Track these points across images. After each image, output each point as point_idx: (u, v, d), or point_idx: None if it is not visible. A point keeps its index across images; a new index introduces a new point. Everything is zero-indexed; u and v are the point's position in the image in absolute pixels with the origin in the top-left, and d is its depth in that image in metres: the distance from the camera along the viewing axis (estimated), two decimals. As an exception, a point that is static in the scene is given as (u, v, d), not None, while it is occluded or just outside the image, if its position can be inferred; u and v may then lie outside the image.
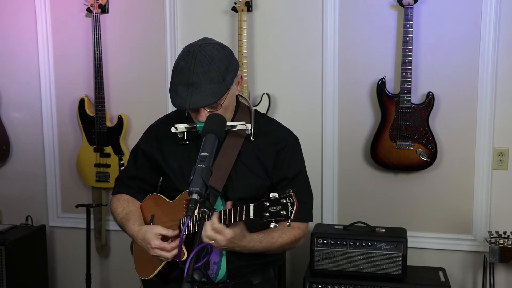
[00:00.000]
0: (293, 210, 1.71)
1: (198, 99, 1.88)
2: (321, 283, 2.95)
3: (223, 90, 1.91)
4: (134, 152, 2.27)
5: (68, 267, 3.86)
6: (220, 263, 2.03)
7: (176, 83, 1.92)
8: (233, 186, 2.05)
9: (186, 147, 2.10)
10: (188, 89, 1.88)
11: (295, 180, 2.09)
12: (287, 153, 2.09)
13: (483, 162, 3.13)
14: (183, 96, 1.89)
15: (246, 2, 3.22)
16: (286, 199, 1.73)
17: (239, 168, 2.05)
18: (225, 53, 1.95)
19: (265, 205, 1.75)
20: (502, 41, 3.06)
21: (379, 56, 3.20)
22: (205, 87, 1.88)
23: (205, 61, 1.89)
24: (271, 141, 2.09)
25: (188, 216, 1.56)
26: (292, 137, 2.14)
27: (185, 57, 1.92)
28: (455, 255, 3.25)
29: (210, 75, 1.88)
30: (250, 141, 2.07)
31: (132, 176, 2.24)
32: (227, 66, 1.93)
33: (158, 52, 3.48)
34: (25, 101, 3.77)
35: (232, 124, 2.03)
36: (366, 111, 3.25)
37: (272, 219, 1.74)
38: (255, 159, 2.07)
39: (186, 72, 1.88)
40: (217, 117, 1.86)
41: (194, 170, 1.63)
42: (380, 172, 3.27)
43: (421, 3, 3.07)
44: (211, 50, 1.92)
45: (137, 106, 3.57)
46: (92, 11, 3.44)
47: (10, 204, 3.89)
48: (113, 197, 2.28)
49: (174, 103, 1.93)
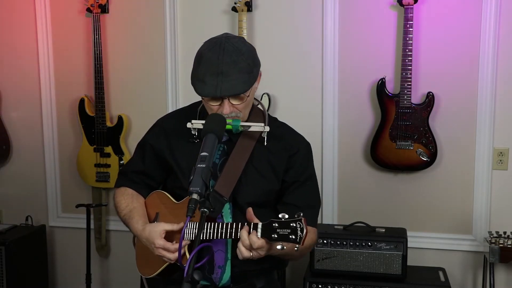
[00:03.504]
0: (302, 236, 1.68)
1: (229, 87, 1.85)
2: (321, 283, 2.95)
3: (252, 80, 1.90)
4: (141, 146, 2.19)
5: (68, 267, 3.86)
6: (225, 267, 2.00)
7: (203, 73, 1.87)
8: (243, 190, 2.00)
9: (196, 145, 2.02)
10: (217, 77, 1.84)
11: (305, 183, 2.06)
12: (299, 158, 2.06)
13: (483, 162, 3.13)
14: (213, 84, 1.85)
15: (246, 2, 3.22)
16: (296, 223, 1.69)
17: (249, 172, 2.01)
18: (250, 47, 1.95)
19: (274, 226, 1.72)
20: (502, 41, 3.06)
21: (379, 56, 3.20)
22: (235, 75, 1.85)
23: (233, 51, 1.87)
24: (284, 146, 2.05)
25: (188, 216, 1.55)
26: (304, 142, 2.11)
27: (212, 47, 1.90)
28: (455, 255, 3.25)
29: (239, 65, 1.86)
30: (262, 145, 2.01)
31: (137, 170, 2.17)
32: (253, 59, 1.93)
33: (158, 52, 3.48)
34: (25, 101, 3.77)
35: (250, 124, 1.98)
36: (366, 111, 3.25)
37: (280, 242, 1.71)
38: (267, 164, 2.03)
39: (214, 62, 1.85)
40: (217, 117, 1.85)
41: (194, 170, 1.62)
42: (380, 172, 3.27)
43: (421, 3, 3.07)
44: (237, 42, 1.91)
45: (137, 106, 3.57)
46: (92, 11, 3.43)
47: (10, 204, 3.89)
48: (116, 190, 2.21)
49: (202, 92, 1.89)
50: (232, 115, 1.92)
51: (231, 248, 1.97)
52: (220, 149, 2.03)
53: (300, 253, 1.93)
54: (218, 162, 2.02)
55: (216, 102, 1.91)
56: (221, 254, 1.99)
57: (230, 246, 1.98)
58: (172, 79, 3.47)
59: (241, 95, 1.90)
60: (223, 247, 1.99)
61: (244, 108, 1.95)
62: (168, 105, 3.48)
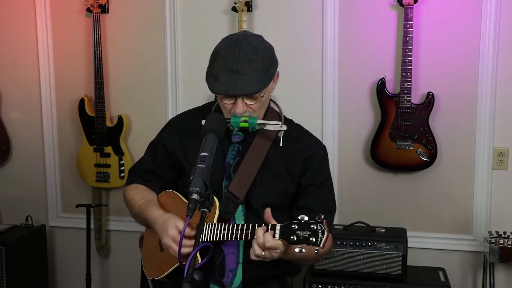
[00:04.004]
0: (323, 238, 1.62)
1: (243, 85, 1.82)
2: (321, 283, 2.95)
3: (267, 80, 1.87)
4: (153, 145, 2.15)
5: (68, 267, 3.86)
6: (236, 270, 1.94)
7: (218, 70, 1.85)
8: (257, 192, 1.95)
9: None
10: (231, 75, 1.82)
11: (321, 187, 2.02)
12: (315, 161, 2.01)
13: (483, 162, 3.13)
14: (226, 82, 1.82)
15: (246, 2, 3.22)
16: (317, 225, 1.64)
17: (264, 174, 1.97)
18: (268, 46, 1.92)
19: (293, 227, 1.67)
20: (502, 41, 3.06)
21: (379, 56, 3.20)
22: (250, 74, 1.82)
23: (249, 49, 1.84)
24: (300, 148, 2.01)
25: (188, 216, 1.55)
26: (321, 146, 2.08)
27: (228, 45, 1.87)
28: (455, 255, 3.25)
29: (254, 64, 1.83)
30: (278, 146, 1.97)
31: (148, 170, 2.13)
32: (270, 59, 1.89)
33: (158, 52, 3.48)
34: (25, 101, 3.77)
35: (267, 122, 1.93)
36: (366, 111, 3.25)
37: (299, 244, 1.65)
38: (283, 165, 1.99)
39: (230, 59, 1.83)
40: (217, 117, 1.84)
41: (194, 170, 1.62)
42: (380, 172, 3.27)
43: (421, 3, 3.07)
44: (255, 41, 1.88)
45: (137, 106, 3.57)
46: (92, 11, 3.43)
47: (10, 204, 3.89)
48: (128, 187, 2.16)
49: (215, 89, 1.85)
50: (246, 114, 1.89)
51: (243, 251, 1.92)
52: (235, 149, 1.99)
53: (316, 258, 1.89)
54: (232, 162, 1.98)
55: (230, 101, 1.88)
56: (232, 258, 1.94)
57: (242, 249, 1.93)
58: (172, 79, 3.47)
59: (255, 94, 1.87)
60: (234, 250, 1.94)
61: (259, 108, 1.91)
62: (168, 105, 3.48)
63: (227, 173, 1.96)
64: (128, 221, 3.66)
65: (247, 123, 1.87)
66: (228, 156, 1.98)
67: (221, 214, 1.89)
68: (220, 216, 1.89)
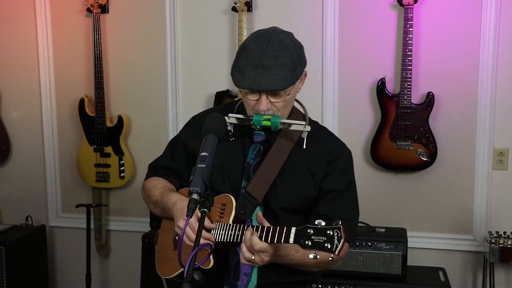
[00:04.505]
0: (339, 245, 1.55)
1: (268, 81, 1.77)
2: (321, 283, 2.95)
3: (293, 78, 1.81)
4: (173, 142, 2.11)
5: (68, 267, 3.86)
6: (251, 274, 1.88)
7: (244, 64, 1.80)
8: (277, 194, 1.89)
9: (231, 143, 1.95)
10: (257, 70, 1.77)
11: (343, 193, 1.93)
12: (339, 165, 1.94)
13: (483, 162, 3.13)
14: (251, 77, 1.77)
15: (246, 2, 3.22)
16: (333, 231, 1.56)
17: (285, 176, 1.90)
18: (298, 44, 1.86)
19: (309, 232, 1.59)
20: (502, 41, 3.06)
21: (379, 56, 3.20)
22: (276, 71, 1.77)
23: (278, 46, 1.78)
24: (324, 151, 1.94)
25: (188, 216, 1.55)
26: (346, 149, 2.00)
27: (256, 39, 1.81)
28: (455, 255, 3.24)
29: (282, 60, 1.78)
30: (301, 148, 1.90)
31: (166, 167, 2.09)
32: (299, 57, 1.84)
33: (158, 52, 3.48)
34: (25, 101, 3.77)
35: (291, 122, 1.87)
36: (366, 111, 3.25)
37: (313, 249, 1.57)
38: (305, 168, 1.92)
39: (257, 54, 1.78)
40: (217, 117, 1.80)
41: (194, 170, 1.61)
42: (380, 172, 3.27)
43: (421, 3, 3.07)
44: (285, 37, 1.82)
45: (137, 106, 3.57)
46: (92, 11, 3.43)
47: (10, 204, 3.89)
48: (148, 179, 2.12)
49: (239, 83, 1.81)
50: (269, 112, 1.84)
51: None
52: (256, 149, 1.94)
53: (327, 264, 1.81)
54: (253, 162, 1.92)
55: (254, 97, 1.84)
56: None
57: None
58: (172, 79, 3.47)
59: (280, 92, 1.82)
60: None
61: (283, 107, 1.86)
62: (168, 105, 3.48)
63: (246, 174, 1.92)
64: (128, 221, 3.67)
65: (269, 122, 1.82)
66: (249, 156, 1.94)
67: (238, 215, 1.85)
68: (236, 217, 1.85)
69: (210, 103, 3.39)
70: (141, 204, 3.53)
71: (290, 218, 1.82)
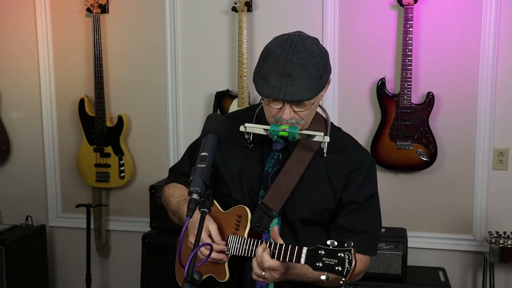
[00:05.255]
0: (350, 269, 1.51)
1: (294, 91, 1.68)
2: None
3: (320, 87, 1.73)
4: (192, 147, 2.06)
5: (68, 267, 3.86)
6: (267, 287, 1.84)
7: (268, 71, 1.72)
8: (295, 205, 1.83)
9: (250, 151, 1.89)
10: (282, 78, 1.69)
11: (364, 205, 1.85)
12: (360, 175, 1.86)
13: (483, 162, 3.13)
14: (277, 86, 1.69)
15: (246, 2, 3.22)
16: (344, 253, 1.52)
17: (304, 186, 1.83)
18: (324, 51, 1.77)
19: (320, 253, 1.56)
20: (502, 41, 3.06)
21: (379, 56, 3.20)
22: (302, 80, 1.69)
23: (304, 53, 1.70)
24: (345, 160, 1.85)
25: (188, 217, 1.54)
26: (368, 159, 1.92)
27: (281, 45, 1.72)
28: (455, 255, 3.24)
29: (308, 68, 1.70)
30: (321, 156, 1.83)
31: (184, 172, 2.03)
32: (325, 65, 1.75)
33: (158, 52, 3.48)
34: (25, 101, 3.77)
35: (309, 133, 1.79)
36: (366, 111, 3.25)
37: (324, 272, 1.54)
38: (325, 178, 1.84)
39: (282, 61, 1.69)
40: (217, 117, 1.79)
41: (194, 170, 1.60)
42: (380, 172, 3.26)
43: (421, 3, 3.07)
44: (310, 44, 1.73)
45: (137, 106, 3.57)
46: (92, 11, 3.43)
47: (10, 204, 3.88)
48: (167, 185, 2.08)
49: (264, 92, 1.73)
50: (292, 121, 1.76)
51: None
52: (275, 158, 1.87)
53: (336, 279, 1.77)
54: (271, 171, 1.86)
55: (277, 105, 1.76)
56: None
57: None
58: (172, 79, 3.47)
59: (305, 102, 1.73)
60: None
61: (307, 116, 1.78)
62: (168, 105, 3.48)
63: (264, 183, 1.86)
64: (128, 221, 3.67)
65: (286, 133, 1.75)
66: (267, 165, 1.87)
67: (253, 227, 1.81)
68: (251, 230, 1.81)
69: (210, 103, 3.39)
70: (141, 204, 3.55)
71: (309, 229, 1.78)
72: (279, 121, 1.78)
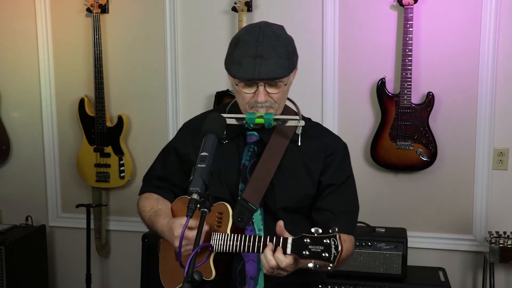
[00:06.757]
0: (337, 254, 1.54)
1: (268, 69, 1.75)
2: (321, 283, 2.94)
3: (291, 67, 1.81)
4: (164, 151, 2.09)
5: (68, 267, 3.86)
6: (257, 278, 1.86)
7: (240, 56, 1.78)
8: (275, 195, 1.87)
9: (225, 146, 1.91)
10: (255, 60, 1.75)
11: (341, 187, 1.91)
12: (336, 159, 1.91)
13: (483, 162, 3.13)
14: (251, 67, 1.75)
15: (246, 2, 3.22)
16: (330, 239, 1.55)
17: (282, 175, 1.88)
18: (289, 36, 1.86)
19: (305, 242, 1.59)
20: (502, 41, 3.06)
21: (379, 56, 3.20)
22: (274, 60, 1.76)
23: (273, 36, 1.78)
24: (319, 146, 1.91)
25: (188, 216, 1.54)
26: (341, 143, 1.98)
27: (250, 31, 1.81)
28: (455, 255, 3.25)
29: (278, 50, 1.77)
30: (296, 145, 1.89)
31: (158, 176, 2.07)
32: (293, 48, 1.84)
33: (158, 52, 3.48)
34: (25, 101, 3.77)
35: (284, 117, 1.85)
36: (366, 111, 3.25)
37: (311, 259, 1.57)
38: (302, 165, 1.89)
39: (254, 44, 1.77)
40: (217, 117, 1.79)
41: (194, 170, 1.60)
42: (380, 172, 3.27)
43: (421, 3, 3.07)
44: (277, 29, 1.83)
45: (137, 106, 3.57)
46: (92, 11, 3.43)
47: (10, 204, 3.88)
48: (140, 197, 2.11)
49: (238, 75, 1.79)
50: (267, 104, 1.81)
51: None
52: (250, 150, 1.91)
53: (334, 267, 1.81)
54: (248, 164, 1.90)
55: (251, 90, 1.81)
56: (253, 264, 1.87)
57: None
58: (172, 79, 3.47)
59: (278, 83, 1.80)
60: (255, 257, 1.86)
61: (280, 98, 1.83)
62: (168, 105, 3.48)
63: (243, 176, 1.89)
64: (128, 221, 3.67)
65: (262, 119, 1.80)
66: (244, 158, 1.91)
67: (235, 223, 1.82)
68: (234, 226, 1.82)
69: (210, 103, 3.39)
70: (141, 204, 3.54)
71: (292, 218, 1.80)
72: (253, 108, 1.83)
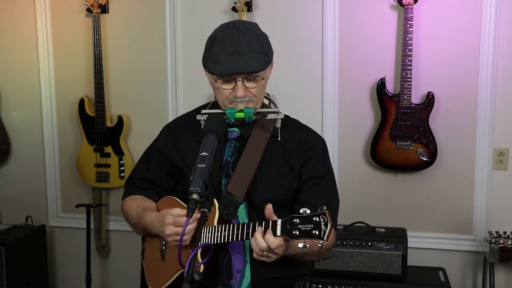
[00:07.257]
0: (326, 230, 1.57)
1: (246, 64, 1.81)
2: (321, 283, 2.95)
3: (267, 61, 1.87)
4: (147, 152, 2.13)
5: (68, 267, 3.86)
6: (244, 271, 1.89)
7: (217, 53, 1.84)
8: (258, 189, 1.91)
9: None
10: (232, 56, 1.81)
11: (322, 180, 1.96)
12: (316, 153, 1.97)
13: (483, 162, 3.13)
14: (228, 63, 1.81)
15: (246, 2, 3.22)
16: (319, 217, 1.59)
17: (264, 170, 1.92)
18: (263, 32, 1.92)
19: (295, 221, 1.62)
20: (502, 41, 3.06)
21: (379, 56, 3.20)
22: (251, 54, 1.82)
23: (248, 32, 1.84)
24: (299, 141, 1.97)
25: (188, 216, 1.54)
26: (320, 138, 2.04)
27: (225, 29, 1.87)
28: (455, 255, 3.25)
29: (254, 45, 1.83)
30: (276, 140, 1.94)
31: (143, 177, 2.10)
32: (268, 43, 1.90)
33: (158, 52, 3.48)
34: (25, 101, 3.77)
35: (264, 110, 1.92)
36: (366, 111, 3.25)
37: (302, 238, 1.60)
38: (283, 160, 1.95)
39: (229, 41, 1.83)
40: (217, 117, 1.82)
41: (194, 170, 1.61)
42: (380, 172, 3.27)
43: (421, 3, 3.07)
44: (251, 25, 1.89)
45: (137, 106, 3.57)
46: (92, 11, 3.44)
47: (10, 204, 3.88)
48: (124, 200, 2.13)
49: (216, 71, 1.85)
50: (246, 99, 1.86)
51: (250, 250, 1.82)
52: (232, 146, 1.95)
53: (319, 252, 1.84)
54: (231, 160, 1.94)
55: (229, 86, 1.86)
56: (239, 257, 1.90)
57: (249, 248, 1.85)
58: (172, 79, 3.47)
59: (256, 77, 1.85)
60: (240, 249, 1.90)
61: (258, 92, 1.88)
62: (168, 105, 3.48)
63: (225, 171, 1.93)
64: (128, 221, 3.66)
65: (243, 113, 1.84)
66: (226, 154, 1.95)
67: (222, 215, 1.85)
68: (220, 218, 1.84)
69: (210, 103, 3.39)
70: (141, 204, 3.54)
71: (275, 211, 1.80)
72: (233, 103, 1.87)
